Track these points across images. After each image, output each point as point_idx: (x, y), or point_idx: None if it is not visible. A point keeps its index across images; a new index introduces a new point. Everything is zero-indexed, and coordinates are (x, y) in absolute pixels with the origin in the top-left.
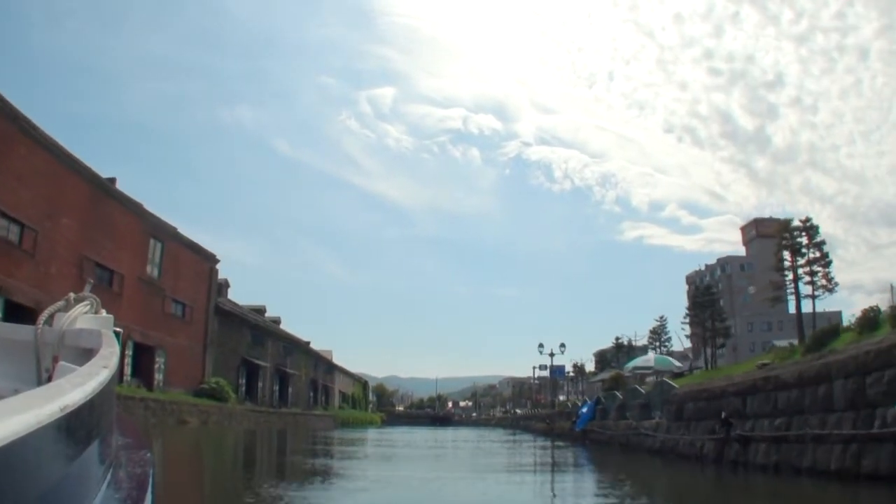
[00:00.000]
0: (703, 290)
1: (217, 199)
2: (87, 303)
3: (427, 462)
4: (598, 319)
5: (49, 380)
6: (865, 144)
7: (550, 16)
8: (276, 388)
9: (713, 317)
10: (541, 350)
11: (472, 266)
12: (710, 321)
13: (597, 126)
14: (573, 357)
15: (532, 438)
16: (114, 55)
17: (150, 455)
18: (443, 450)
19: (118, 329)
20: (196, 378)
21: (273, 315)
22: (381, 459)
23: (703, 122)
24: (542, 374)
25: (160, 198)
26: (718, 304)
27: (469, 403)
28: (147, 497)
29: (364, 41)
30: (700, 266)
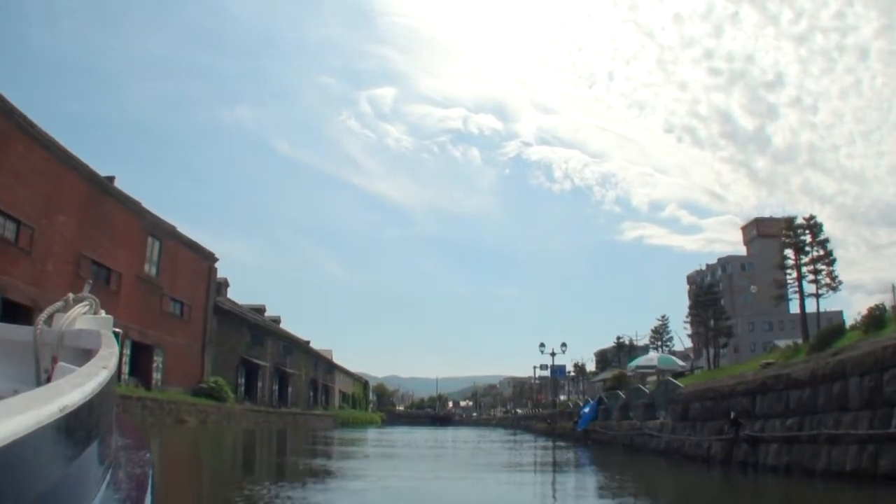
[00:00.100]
0: (706, 289)
1: (217, 199)
2: (87, 303)
3: (427, 462)
4: (599, 319)
5: (48, 380)
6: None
7: (550, 16)
8: (276, 388)
9: (715, 316)
10: (542, 350)
11: (473, 266)
12: (713, 320)
13: (597, 126)
14: (574, 357)
15: (533, 438)
16: (114, 55)
17: (150, 455)
18: (443, 450)
19: (117, 330)
20: (195, 377)
21: (273, 314)
22: (381, 459)
23: (703, 122)
24: (543, 374)
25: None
26: (720, 304)
27: (469, 403)
28: (146, 497)
29: (364, 41)
30: (701, 266)
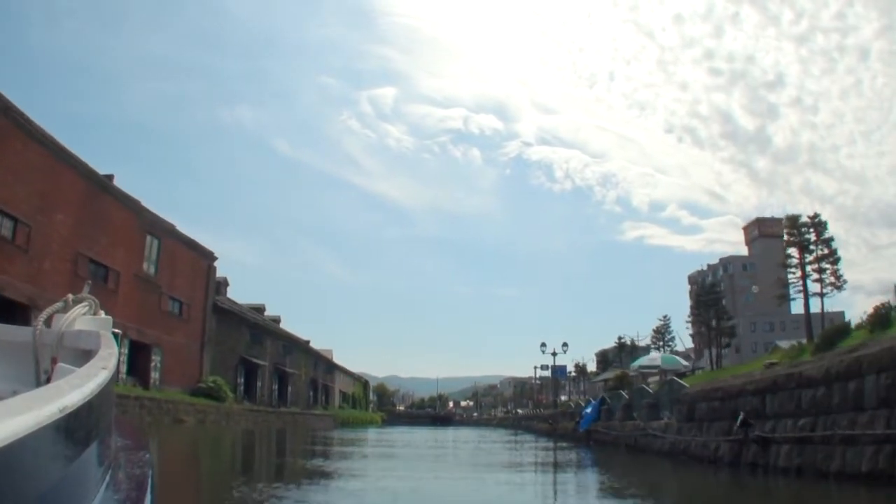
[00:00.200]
0: (708, 289)
1: (217, 199)
2: (86, 304)
3: (426, 462)
4: (599, 320)
5: (48, 381)
6: (866, 145)
7: (551, 16)
8: (275, 388)
9: (718, 315)
10: (543, 349)
11: (473, 266)
12: (715, 320)
13: (597, 126)
14: (574, 357)
15: (534, 439)
16: (114, 55)
17: (149, 456)
18: (443, 450)
19: (117, 331)
20: (193, 377)
21: (273, 314)
22: (380, 459)
23: (704, 123)
24: (544, 374)
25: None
26: (722, 303)
27: (470, 403)
28: (146, 498)
29: (365, 41)
30: (702, 266)
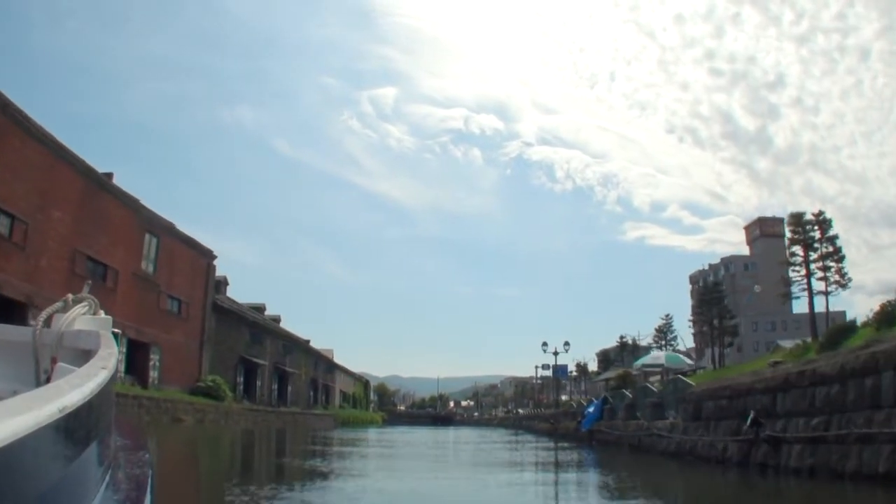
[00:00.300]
0: (711, 287)
1: (217, 199)
2: (86, 304)
3: (426, 463)
4: (600, 320)
5: (47, 381)
6: (867, 145)
7: (552, 16)
8: (275, 387)
9: (721, 314)
10: (544, 348)
11: (474, 266)
12: (718, 319)
13: (598, 126)
14: (575, 356)
15: (535, 439)
16: (114, 55)
17: (149, 456)
18: (443, 451)
19: (116, 330)
20: (192, 376)
21: (273, 314)
22: (379, 460)
23: (705, 123)
24: (545, 374)
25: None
26: (725, 302)
27: (471, 403)
28: (146, 498)
29: (365, 41)
30: (704, 265)
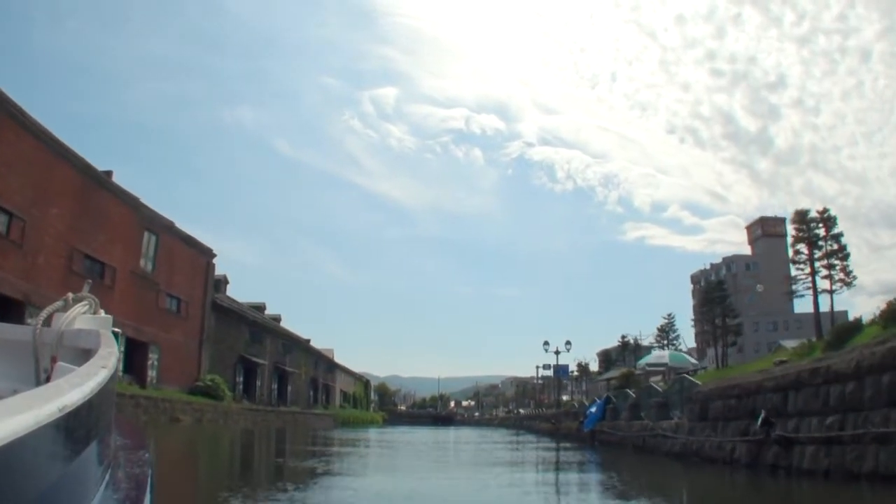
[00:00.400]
0: (714, 286)
1: (218, 199)
2: (86, 303)
3: (426, 463)
4: (601, 320)
5: (47, 380)
6: (867, 146)
7: (553, 16)
8: (275, 387)
9: (724, 313)
10: (546, 348)
11: (474, 266)
12: (721, 318)
13: (599, 126)
14: (576, 357)
15: (536, 439)
16: (114, 55)
17: (149, 455)
18: (443, 452)
19: (117, 330)
20: (191, 375)
21: (273, 313)
22: (378, 460)
23: (705, 123)
24: (546, 374)
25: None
26: (729, 301)
27: (471, 403)
28: (146, 497)
29: (366, 41)
30: (705, 265)
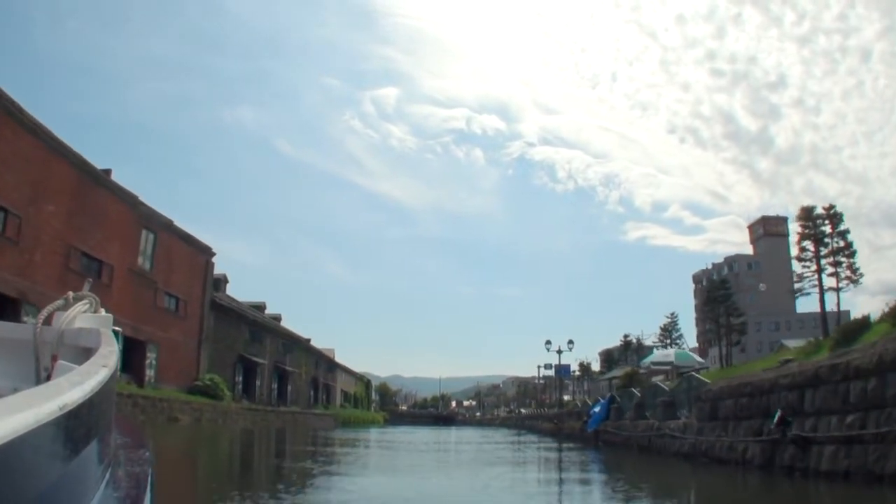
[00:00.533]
0: (718, 284)
1: (218, 199)
2: (86, 302)
3: (426, 463)
4: (602, 320)
5: (48, 379)
6: (868, 146)
7: (553, 17)
8: (275, 386)
9: (728, 312)
10: (548, 347)
11: (475, 266)
12: (725, 316)
13: (600, 126)
14: (578, 356)
15: (538, 439)
16: (115, 55)
17: (149, 454)
18: (444, 453)
19: (117, 328)
20: (190, 375)
21: (273, 313)
22: (377, 460)
23: (706, 123)
24: (547, 374)
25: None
26: (733, 299)
27: (473, 403)
28: (146, 496)
29: (367, 41)
30: (707, 265)
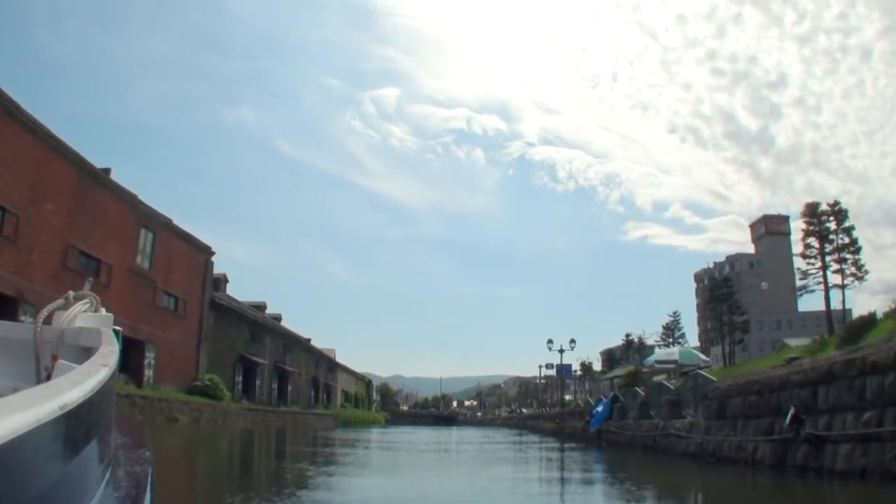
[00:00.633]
0: (720, 283)
1: (219, 199)
2: (87, 301)
3: (426, 464)
4: (602, 319)
5: (48, 378)
6: (869, 145)
7: (554, 17)
8: (275, 386)
9: (731, 310)
10: (550, 346)
11: (476, 266)
12: (728, 314)
13: (600, 126)
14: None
15: (540, 439)
16: (115, 55)
17: (149, 454)
18: (445, 453)
19: (118, 328)
20: (189, 375)
21: (274, 312)
22: (376, 461)
23: (707, 123)
24: (549, 374)
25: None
26: (735, 297)
27: (474, 403)
28: (146, 496)
29: (367, 42)
30: (709, 264)
